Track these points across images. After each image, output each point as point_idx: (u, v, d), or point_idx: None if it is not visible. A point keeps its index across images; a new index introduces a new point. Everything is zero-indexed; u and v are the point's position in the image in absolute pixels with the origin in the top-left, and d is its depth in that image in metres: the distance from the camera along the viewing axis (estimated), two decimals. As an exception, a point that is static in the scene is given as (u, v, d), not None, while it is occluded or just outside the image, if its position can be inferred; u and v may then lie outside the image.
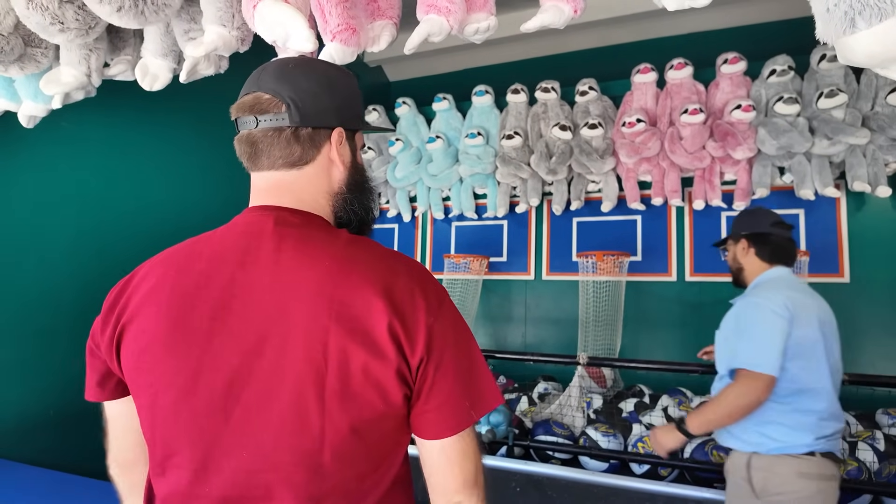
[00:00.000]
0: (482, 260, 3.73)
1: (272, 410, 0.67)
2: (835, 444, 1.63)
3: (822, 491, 1.56)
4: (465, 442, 0.72)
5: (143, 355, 0.72)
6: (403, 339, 0.67)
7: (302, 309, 0.68)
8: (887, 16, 0.65)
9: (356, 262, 0.71)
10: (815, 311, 1.68)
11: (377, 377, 0.67)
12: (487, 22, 1.27)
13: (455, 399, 0.71)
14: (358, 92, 0.85)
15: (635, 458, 2.40)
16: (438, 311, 0.71)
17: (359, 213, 0.84)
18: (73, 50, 1.61)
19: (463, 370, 0.72)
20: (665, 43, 3.63)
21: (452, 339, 0.72)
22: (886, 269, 2.98)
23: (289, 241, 0.72)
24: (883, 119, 2.81)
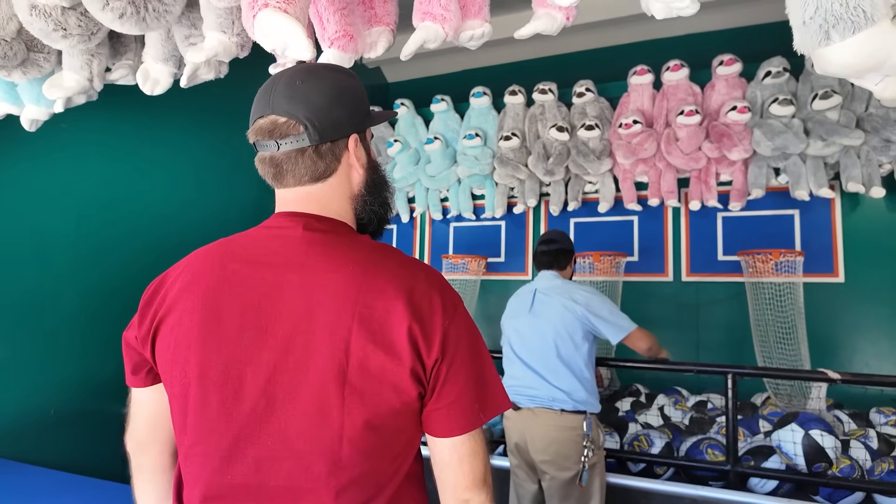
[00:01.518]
0: (480, 260, 3.75)
1: (296, 404, 0.71)
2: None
3: None
4: (475, 441, 0.76)
5: (178, 348, 0.76)
6: (421, 341, 0.72)
7: (328, 310, 0.72)
8: (860, 29, 0.67)
9: (379, 267, 0.75)
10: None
11: (393, 377, 0.71)
12: (482, 29, 1.29)
13: (465, 399, 0.75)
14: (363, 90, 0.88)
15: (631, 456, 2.43)
16: (454, 315, 0.76)
17: (378, 212, 0.88)
18: (76, 55, 1.63)
19: (474, 373, 0.76)
20: (661, 45, 3.65)
21: (465, 342, 0.76)
22: (880, 270, 3.01)
23: (317, 246, 0.77)
24: (877, 120, 2.83)
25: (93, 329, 2.71)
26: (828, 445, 2.15)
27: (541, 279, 2.25)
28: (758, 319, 2.90)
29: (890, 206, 3.02)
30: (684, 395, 3.11)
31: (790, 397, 2.67)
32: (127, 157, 2.96)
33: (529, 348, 2.13)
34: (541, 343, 2.10)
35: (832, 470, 2.14)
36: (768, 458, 2.25)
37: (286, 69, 0.85)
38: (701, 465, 2.30)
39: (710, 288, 3.36)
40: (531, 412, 2.05)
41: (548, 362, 2.06)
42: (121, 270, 2.78)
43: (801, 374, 2.55)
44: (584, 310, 2.08)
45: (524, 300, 2.24)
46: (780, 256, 2.87)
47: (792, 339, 2.76)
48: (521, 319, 2.20)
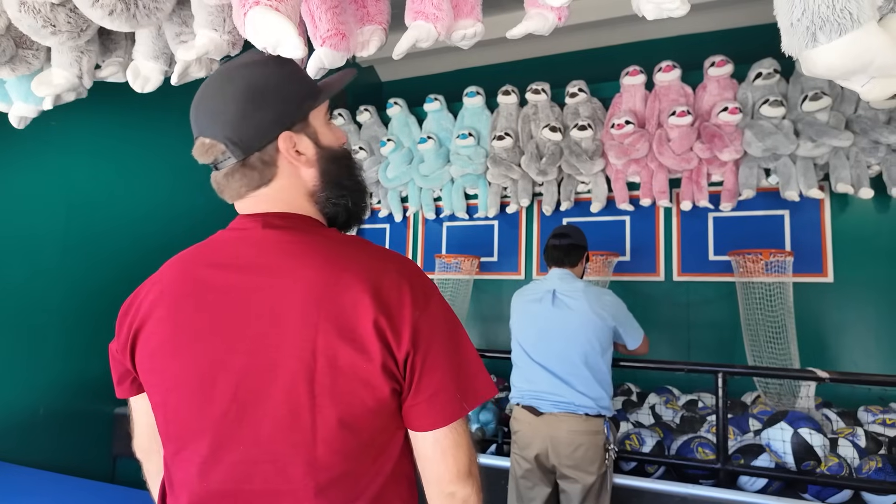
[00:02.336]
0: (473, 260, 3.76)
1: (267, 406, 0.70)
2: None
3: None
4: (458, 433, 0.74)
5: (154, 357, 0.76)
6: (389, 335, 0.69)
7: (293, 308, 0.70)
8: (847, 31, 0.68)
9: (345, 261, 0.73)
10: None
11: (364, 374, 0.69)
12: (474, 28, 1.29)
13: (445, 391, 0.72)
14: (291, 77, 0.80)
15: (623, 454, 2.44)
16: (425, 306, 0.73)
17: (344, 204, 0.83)
18: (65, 52, 1.62)
19: (452, 363, 0.74)
20: (653, 45, 3.68)
21: (441, 332, 0.73)
22: (868, 270, 3.04)
23: (279, 243, 0.75)
24: (865, 122, 2.86)
25: (82, 327, 2.69)
26: (816, 444, 2.17)
27: (556, 279, 2.14)
28: (748, 319, 2.93)
29: (878, 206, 3.06)
30: (675, 394, 3.13)
31: (780, 396, 2.69)
32: (117, 155, 2.94)
33: (552, 352, 2.05)
34: (566, 348, 2.03)
35: (821, 468, 2.16)
36: (758, 457, 2.27)
37: (211, 75, 0.82)
38: (691, 463, 2.32)
39: (701, 288, 3.39)
40: (555, 417, 2.00)
41: (574, 368, 2.00)
42: (110, 268, 2.76)
43: (791, 373, 2.57)
44: (612, 317, 2.07)
45: (541, 302, 2.12)
46: (770, 256, 2.89)
47: (781, 338, 2.79)
48: (540, 322, 2.10)
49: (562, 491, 2.04)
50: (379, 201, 4.13)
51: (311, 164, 0.80)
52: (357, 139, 4.10)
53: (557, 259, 2.19)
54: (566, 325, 2.05)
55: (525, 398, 2.08)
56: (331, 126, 0.84)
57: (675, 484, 2.19)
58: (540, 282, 2.22)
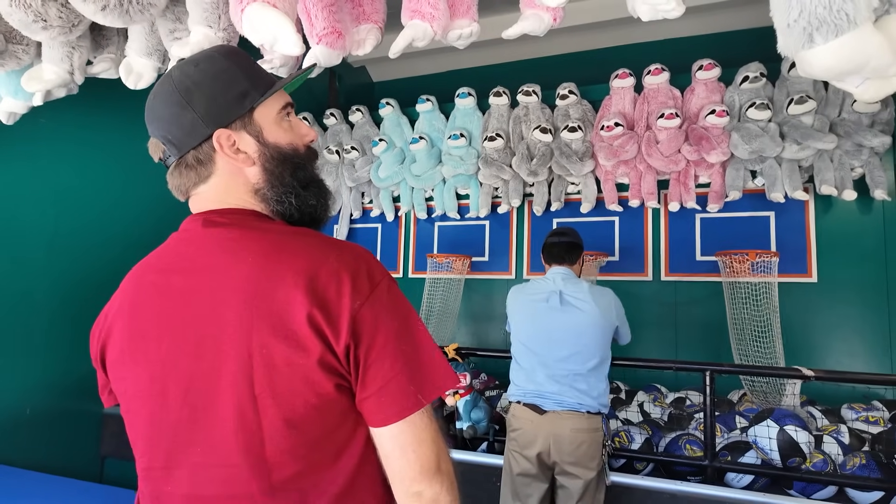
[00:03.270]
0: (464, 259, 3.77)
1: (215, 410, 0.70)
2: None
3: None
4: (419, 427, 0.70)
5: (116, 366, 0.77)
6: (326, 328, 0.66)
7: (230, 308, 0.69)
8: (843, 32, 0.70)
9: (281, 254, 0.70)
10: None
11: (302, 371, 0.67)
12: (470, 28, 1.30)
13: (396, 383, 0.68)
14: (229, 69, 0.78)
15: (612, 452, 2.46)
16: (369, 295, 0.69)
17: (291, 202, 0.79)
18: (56, 47, 1.60)
19: (403, 352, 0.69)
20: (643, 49, 3.72)
21: (387, 321, 0.69)
22: (851, 270, 3.10)
23: (219, 241, 0.74)
24: (849, 125, 2.92)
25: (70, 325, 2.65)
26: (802, 441, 2.21)
27: (559, 279, 2.16)
28: (734, 318, 2.97)
29: (861, 208, 3.12)
30: (663, 392, 3.16)
31: (766, 394, 2.73)
32: (107, 151, 2.90)
33: (559, 352, 2.06)
34: (574, 348, 2.05)
35: (806, 464, 2.20)
36: (745, 454, 2.31)
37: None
38: (680, 460, 2.35)
39: (688, 287, 3.43)
40: (558, 415, 2.02)
41: (580, 367, 2.04)
42: (98, 266, 2.72)
43: (777, 372, 2.61)
44: (616, 317, 2.14)
45: (548, 302, 2.13)
46: (756, 257, 2.94)
47: (767, 337, 2.83)
48: (547, 322, 2.11)
49: (560, 487, 2.07)
50: (371, 201, 4.13)
51: (254, 162, 0.78)
52: (349, 139, 4.09)
53: (558, 256, 2.21)
54: (575, 325, 2.07)
55: (527, 396, 2.09)
56: (285, 123, 0.81)
57: (663, 481, 2.21)
58: (541, 281, 2.23)
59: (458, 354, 2.70)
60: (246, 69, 0.79)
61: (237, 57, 0.80)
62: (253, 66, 0.80)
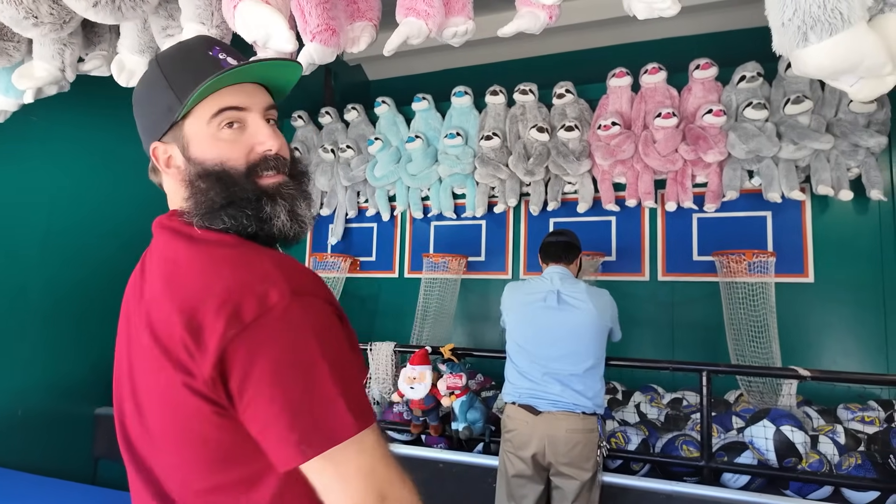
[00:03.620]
0: (460, 259, 3.76)
1: (132, 431, 0.73)
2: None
3: None
4: (339, 463, 0.60)
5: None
6: (195, 352, 0.61)
7: (135, 321, 0.71)
8: (837, 31, 0.69)
9: (177, 272, 0.67)
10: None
11: (175, 394, 0.63)
12: (465, 26, 1.29)
13: (276, 430, 0.60)
14: (165, 77, 0.72)
15: (608, 453, 2.46)
16: (251, 322, 0.60)
17: (230, 224, 0.70)
18: (47, 44, 1.58)
19: (284, 394, 0.59)
20: (640, 48, 3.71)
21: (267, 355, 0.60)
22: (848, 270, 3.10)
23: (154, 251, 0.76)
24: (845, 125, 2.92)
25: (63, 327, 2.63)
26: (798, 441, 2.21)
27: (557, 278, 2.15)
28: (731, 318, 2.97)
29: (857, 208, 3.12)
30: (660, 392, 3.16)
31: (762, 394, 2.73)
32: (100, 149, 2.88)
33: (556, 352, 2.06)
34: (571, 348, 2.05)
35: (802, 465, 2.20)
36: (741, 454, 2.31)
37: None
38: (676, 461, 2.34)
39: (685, 287, 3.42)
40: (553, 416, 2.02)
41: (576, 367, 2.03)
42: (92, 266, 2.70)
43: (773, 372, 2.61)
44: (611, 317, 2.15)
45: (545, 301, 2.12)
46: (752, 257, 2.93)
47: (764, 337, 2.83)
48: (544, 322, 2.10)
49: (555, 488, 2.06)
50: (366, 200, 4.12)
51: (180, 176, 0.73)
52: (345, 137, 4.08)
53: (556, 255, 2.22)
54: (572, 325, 2.07)
55: (523, 397, 2.08)
56: (223, 132, 0.71)
57: (660, 481, 2.21)
58: (538, 280, 2.22)
59: (454, 355, 2.69)
60: (171, 76, 0.71)
61: (169, 62, 0.74)
62: (180, 71, 0.72)
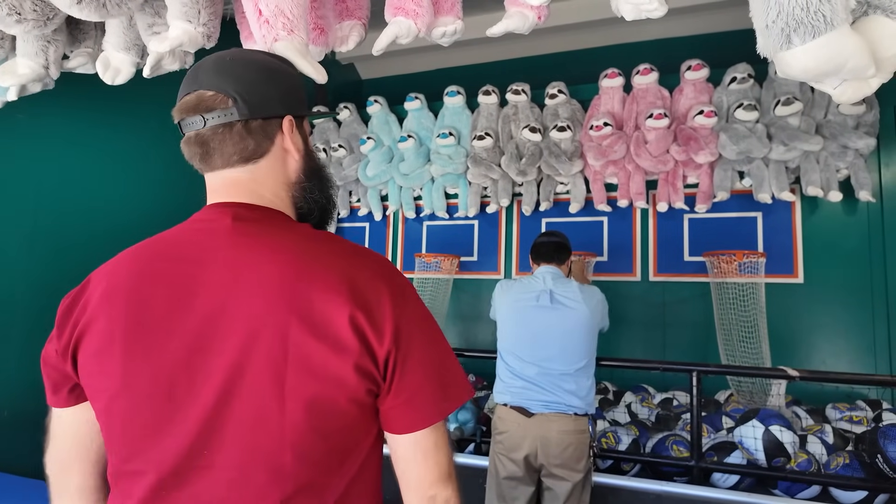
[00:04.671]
0: (453, 259, 3.75)
1: (233, 410, 0.66)
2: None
3: None
4: (438, 434, 0.72)
5: (101, 358, 0.69)
6: (369, 332, 0.67)
7: (262, 306, 0.66)
8: (820, 33, 0.69)
9: (319, 257, 0.70)
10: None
11: (337, 372, 0.66)
12: (454, 25, 1.29)
13: (427, 391, 0.70)
14: (300, 80, 0.85)
15: (599, 453, 2.46)
16: (404, 304, 0.71)
17: (319, 202, 0.82)
18: (31, 41, 1.56)
19: (434, 362, 0.72)
20: (632, 49, 3.72)
21: (420, 331, 0.71)
22: (837, 271, 3.12)
23: (247, 237, 0.71)
24: (835, 127, 2.94)
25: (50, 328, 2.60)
26: (786, 440, 2.22)
27: (549, 278, 2.15)
28: (722, 319, 2.98)
29: (846, 209, 3.14)
30: (651, 392, 3.17)
31: (752, 394, 2.75)
32: (87, 149, 2.86)
33: (547, 353, 2.05)
34: (564, 348, 2.05)
35: (790, 464, 2.21)
36: (730, 454, 2.32)
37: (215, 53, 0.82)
38: (666, 461, 2.35)
39: (676, 288, 3.44)
40: (545, 417, 2.01)
41: (568, 368, 2.03)
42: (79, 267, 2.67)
43: (762, 372, 2.62)
44: (601, 316, 2.16)
45: (537, 301, 2.12)
46: (743, 257, 2.95)
47: (754, 337, 2.85)
48: (536, 322, 2.10)
49: (547, 489, 2.06)
50: (358, 200, 4.10)
51: (300, 156, 0.80)
52: (337, 137, 4.06)
53: (547, 255, 2.22)
54: (565, 325, 2.07)
55: (515, 397, 2.07)
56: (311, 141, 0.88)
57: (649, 481, 2.22)
58: (531, 280, 2.21)
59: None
60: (301, 81, 0.87)
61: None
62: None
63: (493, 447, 2.14)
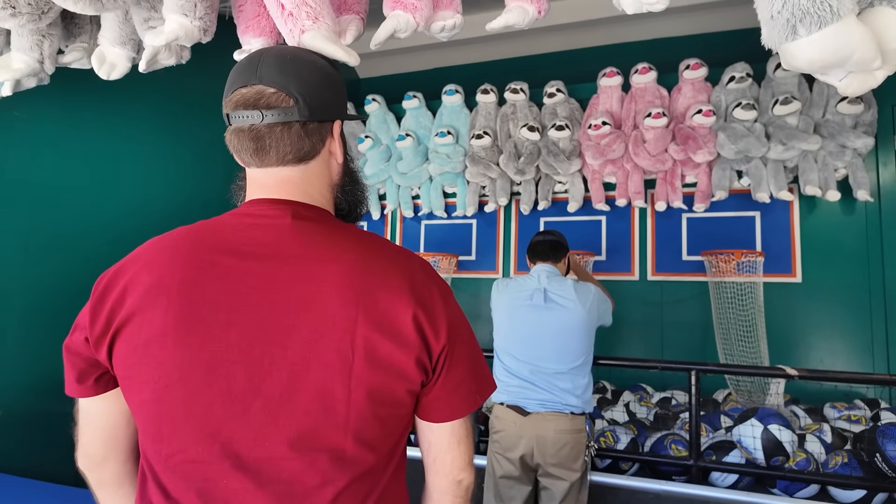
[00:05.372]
0: (451, 258, 3.74)
1: (297, 401, 0.68)
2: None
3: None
4: (468, 424, 0.80)
5: (150, 348, 0.68)
6: (428, 329, 0.72)
7: (327, 301, 0.69)
8: (826, 24, 0.68)
9: (377, 257, 0.75)
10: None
11: (400, 365, 0.71)
12: (454, 20, 1.28)
13: (467, 383, 0.77)
14: (344, 83, 0.88)
15: (598, 452, 2.45)
16: (451, 304, 0.78)
17: (355, 201, 0.88)
18: (25, 35, 1.55)
19: (471, 358, 0.78)
20: (631, 48, 3.71)
21: (464, 329, 0.78)
22: (835, 270, 3.12)
23: (308, 235, 0.74)
24: (833, 126, 2.94)
25: (45, 327, 2.58)
26: (785, 440, 2.22)
27: (544, 277, 2.14)
28: (720, 318, 2.98)
29: (844, 209, 3.15)
30: (649, 391, 3.16)
31: (750, 393, 2.74)
32: (84, 146, 2.83)
33: (543, 352, 2.05)
34: (559, 347, 2.04)
35: (789, 463, 2.21)
36: (729, 453, 2.31)
37: (270, 46, 0.83)
38: (665, 460, 2.34)
39: (674, 287, 3.43)
40: (542, 416, 2.00)
41: (564, 366, 2.02)
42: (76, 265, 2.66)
43: (761, 371, 2.62)
44: (598, 314, 2.13)
45: (532, 300, 2.11)
46: (741, 257, 2.95)
47: (752, 336, 2.84)
48: (531, 321, 2.09)
49: (543, 488, 2.04)
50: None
51: (342, 159, 0.85)
52: (334, 135, 4.05)
53: (543, 253, 2.22)
54: (559, 324, 2.05)
55: (511, 397, 2.06)
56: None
57: (648, 480, 2.21)
58: (526, 278, 2.20)
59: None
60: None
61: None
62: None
63: (490, 446, 2.13)
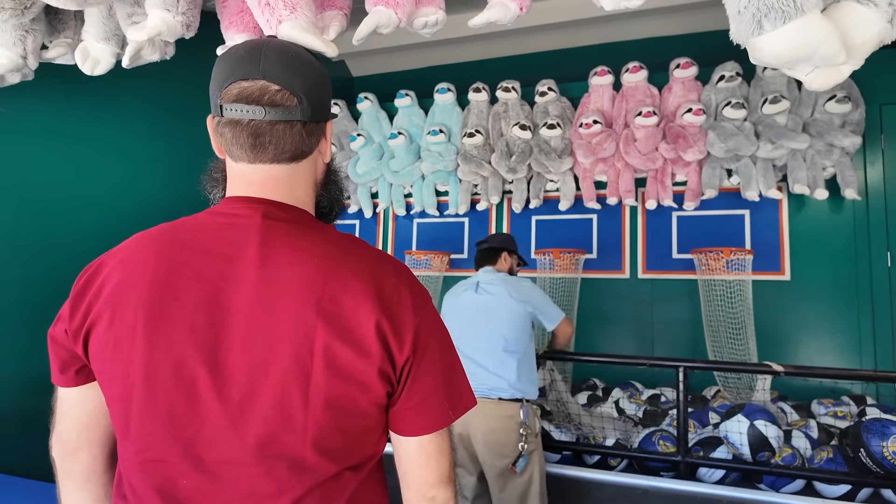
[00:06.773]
0: (443, 257, 3.75)
1: (256, 405, 0.67)
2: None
3: None
4: (442, 439, 0.75)
5: (119, 346, 0.69)
6: (391, 338, 0.69)
7: (290, 306, 0.68)
8: (790, 18, 0.69)
9: (345, 260, 0.72)
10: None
11: (361, 375, 0.68)
12: (436, 16, 1.28)
13: (436, 398, 0.73)
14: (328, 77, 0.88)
15: (586, 449, 2.46)
16: (423, 311, 0.73)
17: (335, 199, 0.87)
18: (8, 30, 1.54)
19: (443, 370, 0.75)
20: (622, 47, 3.73)
21: (435, 338, 0.74)
22: (823, 268, 3.14)
23: (278, 236, 0.72)
24: (821, 125, 2.96)
25: (34, 323, 2.57)
26: (771, 435, 2.23)
27: (481, 274, 2.34)
28: (709, 315, 2.99)
29: (832, 207, 3.17)
30: (639, 388, 3.18)
31: (738, 390, 2.76)
32: (73, 141, 2.82)
33: (472, 339, 2.16)
34: (485, 333, 2.15)
35: (775, 459, 2.22)
36: (716, 449, 2.32)
37: (265, 38, 0.81)
38: (653, 456, 2.36)
39: (664, 285, 3.45)
40: None
41: (491, 352, 2.12)
42: (64, 261, 2.64)
43: (747, 367, 2.64)
44: (529, 302, 2.21)
45: (465, 292, 2.30)
46: (730, 255, 2.96)
47: (741, 334, 2.86)
48: (462, 310, 2.25)
49: (486, 476, 2.11)
50: (348, 197, 4.09)
51: (328, 157, 0.85)
52: (326, 133, 4.04)
53: (480, 262, 2.42)
54: (486, 309, 2.18)
55: None
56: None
57: (636, 476, 2.22)
58: (468, 279, 2.38)
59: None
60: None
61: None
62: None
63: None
